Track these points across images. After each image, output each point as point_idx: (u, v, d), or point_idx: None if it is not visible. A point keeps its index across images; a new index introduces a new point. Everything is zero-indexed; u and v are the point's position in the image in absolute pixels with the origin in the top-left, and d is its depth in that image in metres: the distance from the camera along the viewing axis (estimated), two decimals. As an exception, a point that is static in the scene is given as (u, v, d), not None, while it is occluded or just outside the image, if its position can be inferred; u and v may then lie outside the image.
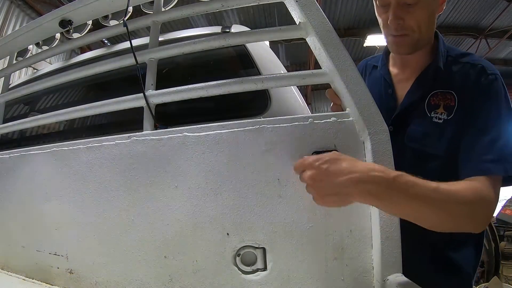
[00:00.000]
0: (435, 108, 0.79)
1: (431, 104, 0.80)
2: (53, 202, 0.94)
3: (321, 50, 0.74)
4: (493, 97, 0.73)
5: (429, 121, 0.79)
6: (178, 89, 0.83)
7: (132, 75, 0.87)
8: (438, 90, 0.80)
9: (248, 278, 0.74)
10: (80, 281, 0.88)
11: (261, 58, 1.09)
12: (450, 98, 0.78)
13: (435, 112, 0.79)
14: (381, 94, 0.91)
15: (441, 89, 0.80)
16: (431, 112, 0.79)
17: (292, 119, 0.75)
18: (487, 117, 0.72)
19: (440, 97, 0.79)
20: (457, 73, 0.79)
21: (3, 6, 4.89)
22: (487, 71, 0.76)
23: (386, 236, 0.66)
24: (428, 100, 0.81)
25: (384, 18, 0.80)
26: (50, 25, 1.09)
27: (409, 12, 0.75)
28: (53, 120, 1.05)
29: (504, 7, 6.29)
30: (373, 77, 0.97)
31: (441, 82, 0.80)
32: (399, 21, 0.76)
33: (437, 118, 0.78)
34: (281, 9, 5.70)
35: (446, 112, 0.77)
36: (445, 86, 0.79)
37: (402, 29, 0.77)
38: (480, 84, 0.75)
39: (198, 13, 0.88)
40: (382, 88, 0.92)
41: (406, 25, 0.76)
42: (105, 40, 4.74)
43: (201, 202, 0.77)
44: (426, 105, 0.80)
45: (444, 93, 0.79)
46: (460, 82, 0.78)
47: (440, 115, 0.78)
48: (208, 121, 0.82)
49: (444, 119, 0.77)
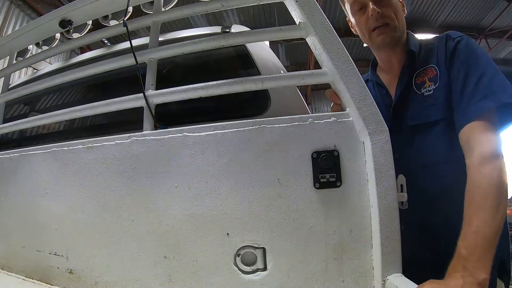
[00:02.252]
0: (423, 85, 0.88)
1: (418, 83, 0.89)
2: (53, 202, 0.94)
3: (321, 50, 0.74)
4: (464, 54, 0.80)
5: (422, 97, 0.87)
6: (178, 89, 0.83)
7: (132, 75, 0.87)
8: (419, 70, 0.90)
9: (248, 278, 0.74)
10: (80, 281, 0.88)
11: (261, 58, 1.09)
12: (431, 70, 0.87)
13: (423, 87, 0.87)
14: (377, 97, 0.99)
15: (421, 68, 0.89)
16: (421, 89, 0.88)
17: (292, 119, 0.75)
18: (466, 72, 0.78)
19: (423, 74, 0.88)
20: (430, 50, 0.89)
21: (3, 6, 4.89)
22: (452, 36, 0.85)
23: (386, 236, 0.66)
24: (414, 82, 0.90)
25: (363, 19, 0.92)
26: (50, 25, 1.09)
27: (384, 5, 0.88)
28: (53, 120, 1.05)
29: (504, 7, 6.29)
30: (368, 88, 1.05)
31: (419, 63, 0.90)
32: (378, 11, 0.88)
33: (427, 91, 0.86)
34: (281, 9, 5.70)
35: (432, 82, 0.85)
36: (423, 64, 0.89)
37: (382, 18, 0.89)
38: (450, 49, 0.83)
39: (198, 13, 0.88)
40: (377, 92, 1.02)
41: (385, 15, 0.89)
42: (105, 40, 4.73)
43: (201, 202, 0.77)
44: (415, 86, 0.89)
45: (424, 70, 0.88)
46: (434, 55, 0.87)
47: (429, 87, 0.86)
48: (208, 121, 0.82)
49: (433, 89, 0.85)
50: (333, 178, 0.71)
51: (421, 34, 6.74)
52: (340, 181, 0.72)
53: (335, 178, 0.71)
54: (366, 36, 0.95)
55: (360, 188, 0.71)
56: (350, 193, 0.72)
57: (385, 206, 0.67)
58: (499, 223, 0.63)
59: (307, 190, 0.72)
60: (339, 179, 0.72)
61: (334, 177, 0.71)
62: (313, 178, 0.72)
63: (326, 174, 0.72)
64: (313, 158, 0.73)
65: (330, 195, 0.72)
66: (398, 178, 0.70)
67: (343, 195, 0.72)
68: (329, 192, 0.72)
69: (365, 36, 0.95)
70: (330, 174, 0.72)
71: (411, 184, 0.76)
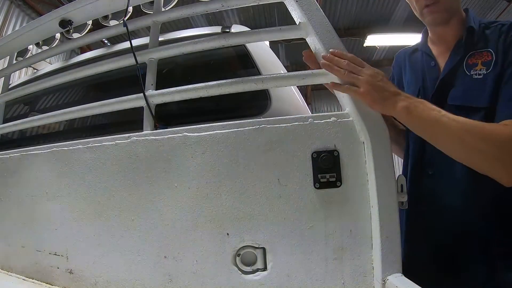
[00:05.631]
0: (474, 67, 0.83)
1: (469, 64, 0.85)
2: (53, 202, 0.94)
3: (321, 50, 0.74)
4: None
5: (470, 79, 0.83)
6: (178, 89, 0.83)
7: (132, 75, 0.87)
8: (474, 51, 0.85)
9: (248, 278, 0.74)
10: (80, 281, 0.88)
11: (261, 58, 1.09)
12: (487, 54, 0.82)
13: (474, 70, 0.83)
14: (424, 68, 0.96)
15: (477, 49, 0.85)
16: (471, 71, 0.83)
17: (292, 119, 0.75)
18: None
19: (477, 56, 0.84)
20: (490, 34, 0.85)
21: (3, 6, 4.88)
22: None
23: (386, 236, 0.66)
24: (466, 61, 0.85)
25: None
26: (50, 25, 1.09)
27: None
28: (53, 120, 1.05)
29: (504, 7, 6.28)
30: (414, 58, 1.03)
31: (476, 44, 0.85)
32: None
33: (476, 74, 0.82)
34: (281, 9, 5.69)
35: (485, 67, 0.81)
36: (480, 46, 0.84)
37: None
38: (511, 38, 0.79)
39: (198, 13, 0.88)
40: (424, 63, 0.97)
41: None
42: (105, 40, 4.73)
43: (201, 202, 0.77)
44: (465, 66, 0.85)
45: (480, 52, 0.84)
46: (493, 40, 0.83)
47: (480, 71, 0.82)
48: (208, 121, 0.82)
49: (483, 73, 0.81)
50: (333, 178, 0.71)
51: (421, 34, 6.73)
52: (340, 181, 0.72)
53: (335, 178, 0.71)
54: (418, 13, 0.92)
55: (360, 188, 0.71)
56: (350, 193, 0.72)
57: (385, 206, 0.67)
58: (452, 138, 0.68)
59: (307, 190, 0.72)
60: (339, 179, 0.72)
61: (334, 177, 0.71)
62: (313, 178, 0.72)
63: (326, 174, 0.72)
64: (313, 158, 0.73)
65: (330, 195, 0.72)
66: (398, 178, 0.70)
67: (343, 195, 0.72)
68: (329, 192, 0.72)
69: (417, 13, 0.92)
70: (330, 174, 0.71)
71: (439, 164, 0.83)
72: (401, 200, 0.70)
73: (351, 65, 0.71)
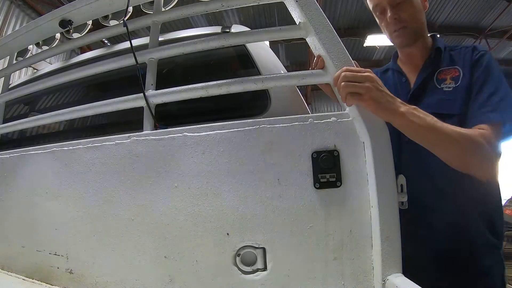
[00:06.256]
0: (444, 81, 0.96)
1: (439, 78, 0.97)
2: (53, 202, 0.94)
3: (321, 50, 0.74)
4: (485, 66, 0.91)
5: (441, 91, 0.95)
6: (178, 89, 0.83)
7: (132, 75, 0.87)
8: (443, 68, 0.98)
9: (248, 278, 0.74)
10: (80, 281, 0.88)
11: (261, 58, 1.09)
12: (455, 71, 0.95)
13: (444, 83, 0.95)
14: (396, 84, 1.07)
15: (445, 67, 0.98)
16: (441, 84, 0.96)
17: (292, 119, 0.75)
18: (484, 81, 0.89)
19: (446, 72, 0.97)
20: (456, 55, 0.99)
21: (3, 6, 4.88)
22: (478, 49, 0.96)
23: (386, 236, 0.66)
24: (436, 77, 0.98)
25: (385, 22, 1.01)
26: (50, 25, 1.09)
27: (401, 9, 0.96)
28: (53, 120, 1.05)
29: (504, 7, 6.28)
30: (386, 76, 1.14)
31: (444, 62, 0.99)
32: (395, 17, 0.96)
33: (446, 87, 0.94)
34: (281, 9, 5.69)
35: (453, 81, 0.94)
36: (448, 64, 0.98)
37: (400, 22, 0.97)
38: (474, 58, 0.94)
39: (198, 13, 0.88)
40: (396, 79, 1.08)
41: (402, 19, 0.97)
42: (105, 40, 4.73)
43: (201, 202, 0.77)
44: (436, 80, 0.97)
45: (448, 69, 0.97)
46: (459, 59, 0.97)
47: (449, 84, 0.94)
48: (208, 121, 0.82)
49: (453, 87, 0.93)
50: (333, 178, 0.71)
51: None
52: (340, 181, 0.72)
53: (335, 178, 0.71)
54: (389, 36, 1.04)
55: (360, 188, 0.71)
56: (350, 193, 0.72)
57: (385, 206, 0.67)
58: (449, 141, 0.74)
59: (307, 190, 0.72)
60: (339, 179, 0.72)
61: (334, 177, 0.71)
62: (313, 178, 0.72)
63: (326, 174, 0.72)
64: (313, 158, 0.73)
65: (330, 195, 0.72)
66: (398, 178, 0.70)
67: (343, 195, 0.72)
68: (329, 192, 0.72)
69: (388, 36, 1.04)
70: (330, 174, 0.72)
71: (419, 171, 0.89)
72: (401, 200, 0.70)
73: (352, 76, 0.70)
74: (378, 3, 0.99)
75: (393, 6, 0.96)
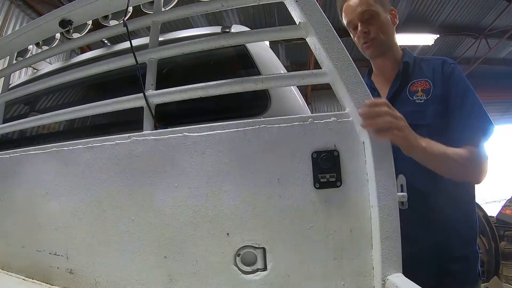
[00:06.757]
0: (415, 93, 1.03)
1: (411, 90, 1.05)
2: (53, 202, 0.94)
3: (321, 50, 0.74)
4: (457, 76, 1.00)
5: (413, 103, 1.03)
6: (178, 89, 0.83)
7: (132, 75, 0.87)
8: (414, 80, 1.05)
9: (248, 278, 0.74)
10: (80, 281, 0.88)
11: (261, 58, 1.09)
12: (425, 83, 1.03)
13: (416, 96, 1.03)
14: None
15: (416, 79, 1.05)
16: (413, 96, 1.03)
17: (292, 119, 0.75)
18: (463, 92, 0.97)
19: (417, 84, 1.04)
20: (426, 67, 1.07)
21: (3, 6, 4.88)
22: (448, 61, 1.04)
23: (386, 236, 0.66)
24: (408, 89, 1.05)
25: (356, 36, 1.10)
26: (50, 25, 1.09)
27: (370, 24, 1.06)
28: (53, 120, 1.05)
29: (504, 7, 6.28)
30: None
31: (415, 74, 1.07)
32: (365, 30, 1.06)
33: (418, 99, 1.02)
34: (281, 9, 5.69)
35: (425, 94, 1.02)
36: (419, 76, 1.05)
37: (368, 35, 1.06)
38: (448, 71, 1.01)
39: (198, 13, 0.88)
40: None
41: (370, 31, 1.06)
42: (105, 40, 4.73)
43: (201, 202, 0.77)
44: (408, 92, 1.05)
45: (419, 81, 1.04)
46: (430, 72, 1.04)
47: (421, 97, 1.02)
48: (208, 121, 0.82)
49: (424, 99, 1.01)
50: (333, 178, 0.71)
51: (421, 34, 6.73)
52: (340, 181, 0.72)
53: (335, 178, 0.71)
54: (360, 49, 1.13)
55: (360, 188, 0.71)
56: (350, 193, 0.72)
57: (385, 206, 0.67)
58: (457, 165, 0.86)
59: (307, 190, 0.72)
60: (339, 179, 0.72)
61: (334, 177, 0.71)
62: (313, 178, 0.72)
63: (326, 174, 0.72)
64: (313, 158, 0.73)
65: (330, 195, 0.72)
66: (398, 178, 0.70)
67: (343, 195, 0.72)
68: (329, 192, 0.72)
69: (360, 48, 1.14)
70: (330, 174, 0.72)
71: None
72: (401, 200, 0.70)
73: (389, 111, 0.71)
74: (351, 20, 1.09)
75: (363, 21, 1.06)
